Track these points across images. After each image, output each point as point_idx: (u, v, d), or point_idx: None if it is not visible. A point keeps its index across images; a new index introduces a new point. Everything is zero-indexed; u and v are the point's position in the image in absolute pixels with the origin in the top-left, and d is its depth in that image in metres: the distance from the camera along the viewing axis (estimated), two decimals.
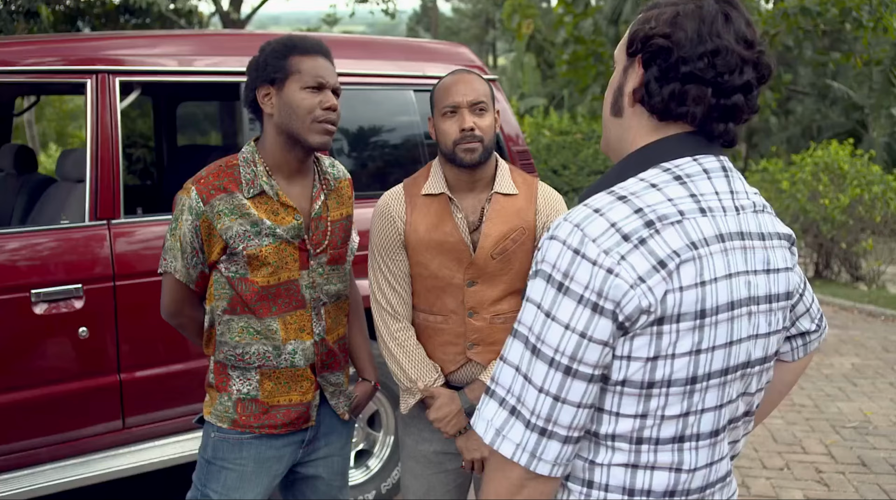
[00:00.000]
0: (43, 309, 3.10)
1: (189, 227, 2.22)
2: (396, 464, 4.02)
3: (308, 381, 2.35)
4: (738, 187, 1.36)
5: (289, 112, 2.22)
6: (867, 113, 17.81)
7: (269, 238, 2.22)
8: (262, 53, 2.27)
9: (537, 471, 1.25)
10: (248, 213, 2.21)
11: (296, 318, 2.30)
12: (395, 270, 2.41)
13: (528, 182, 2.44)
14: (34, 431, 3.16)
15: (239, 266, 2.23)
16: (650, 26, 1.33)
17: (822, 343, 1.66)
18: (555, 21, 21.32)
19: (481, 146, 2.30)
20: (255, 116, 2.32)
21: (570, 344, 1.21)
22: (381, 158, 4.18)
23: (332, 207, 2.39)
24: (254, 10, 18.85)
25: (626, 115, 1.39)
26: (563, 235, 1.24)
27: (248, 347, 2.28)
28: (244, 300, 2.26)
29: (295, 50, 2.25)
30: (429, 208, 2.38)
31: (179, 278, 2.27)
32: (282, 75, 2.22)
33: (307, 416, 2.38)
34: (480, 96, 2.32)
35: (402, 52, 4.31)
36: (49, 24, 11.08)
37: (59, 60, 3.29)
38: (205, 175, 2.24)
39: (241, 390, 2.31)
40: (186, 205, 2.22)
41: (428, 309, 2.42)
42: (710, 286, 1.25)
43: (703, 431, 1.32)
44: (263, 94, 2.25)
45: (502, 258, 2.34)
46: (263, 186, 2.24)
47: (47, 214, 3.58)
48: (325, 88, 2.25)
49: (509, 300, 2.37)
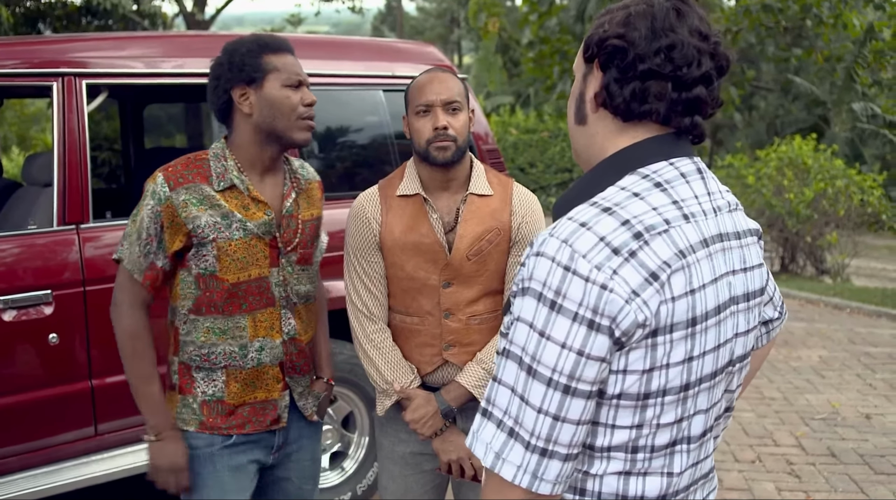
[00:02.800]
0: (12, 316, 3.05)
1: (149, 212, 2.17)
2: (372, 465, 4.01)
3: (274, 379, 2.33)
4: (713, 188, 1.36)
5: (271, 110, 2.21)
6: (829, 108, 18.04)
7: (240, 232, 2.20)
8: (234, 54, 2.23)
9: (539, 491, 1.24)
10: (218, 204, 2.19)
11: (266, 315, 2.29)
12: (371, 271, 2.40)
13: (504, 183, 2.44)
14: (4, 439, 3.11)
15: (208, 262, 2.20)
16: (604, 29, 1.33)
17: (789, 335, 1.68)
18: (520, 19, 21.39)
19: (454, 145, 2.30)
20: (222, 117, 2.29)
21: (567, 363, 1.19)
22: (351, 158, 4.16)
23: (303, 206, 2.38)
24: (218, 11, 18.73)
25: (591, 121, 1.39)
26: (550, 251, 1.22)
27: (213, 347, 2.26)
28: (212, 300, 2.23)
29: (268, 48, 2.24)
30: (404, 210, 2.37)
31: (128, 267, 2.21)
32: (260, 74, 2.21)
33: (276, 416, 2.36)
34: (454, 95, 2.32)
35: (370, 53, 4.30)
36: (9, 26, 10.94)
37: (23, 63, 3.23)
38: (174, 164, 2.22)
39: (207, 391, 2.29)
40: (150, 190, 2.19)
41: (404, 310, 2.41)
42: (699, 293, 1.25)
43: (693, 434, 1.33)
44: (240, 94, 2.22)
45: (478, 259, 2.34)
46: (234, 180, 2.22)
47: (14, 220, 3.52)
48: (303, 84, 2.26)
49: (485, 301, 2.37)
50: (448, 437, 2.37)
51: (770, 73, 20.04)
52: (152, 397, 2.25)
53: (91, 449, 3.32)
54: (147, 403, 2.25)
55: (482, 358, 2.35)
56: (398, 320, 2.42)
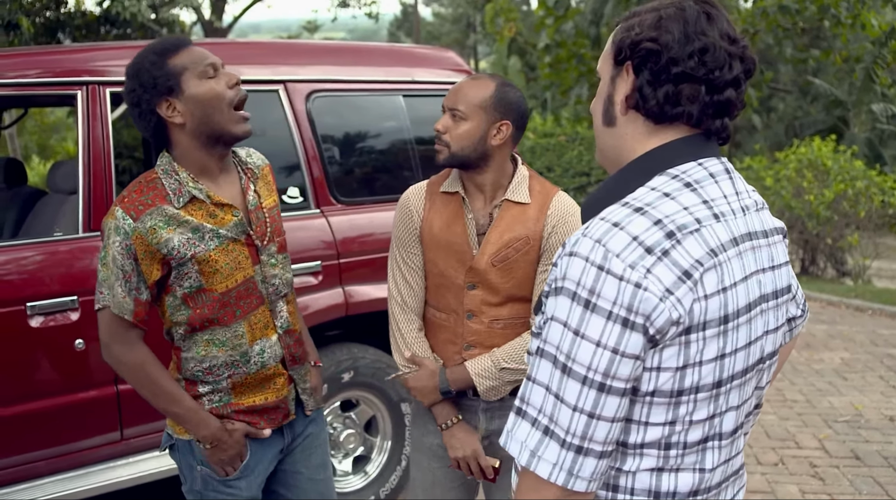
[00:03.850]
0: (39, 322, 3.09)
1: (118, 249, 2.08)
2: (394, 469, 4.03)
3: (281, 377, 2.33)
4: (740, 188, 1.38)
5: (202, 108, 2.12)
6: (848, 109, 17.94)
7: (214, 241, 2.15)
8: (140, 73, 2.12)
9: (575, 489, 1.25)
10: (185, 221, 2.13)
11: (258, 316, 2.26)
12: (410, 262, 2.45)
13: (546, 191, 2.42)
14: (32, 444, 3.15)
15: (192, 279, 2.15)
16: (635, 32, 1.34)
17: (810, 337, 1.69)
18: (536, 24, 21.38)
19: (447, 151, 2.32)
20: (156, 138, 2.19)
21: (602, 361, 1.21)
22: (371, 163, 4.19)
23: (264, 194, 2.33)
24: (236, 18, 18.83)
25: (620, 123, 1.40)
26: (584, 251, 1.24)
27: (214, 359, 2.22)
28: (204, 314, 2.18)
29: (167, 52, 2.14)
30: (445, 207, 2.41)
31: (115, 311, 2.12)
32: (174, 81, 2.11)
33: (286, 411, 2.37)
34: (459, 103, 2.32)
35: (390, 58, 4.32)
36: (30, 36, 11.05)
37: (47, 72, 3.28)
38: (127, 194, 2.13)
39: (213, 398, 2.26)
40: (112, 227, 2.09)
41: (435, 305, 2.46)
42: (730, 291, 1.27)
43: (725, 430, 1.35)
44: (166, 107, 2.12)
45: (503, 266, 2.34)
46: (192, 191, 2.15)
47: (39, 227, 3.56)
48: (218, 68, 2.17)
49: (510, 307, 2.38)
50: (455, 433, 2.40)
51: (788, 74, 19.96)
52: (190, 411, 2.20)
53: (117, 454, 3.35)
54: (188, 420, 2.21)
55: (496, 353, 2.37)
56: (430, 314, 2.48)
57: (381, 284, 3.89)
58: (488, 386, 2.35)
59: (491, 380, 2.35)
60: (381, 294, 3.90)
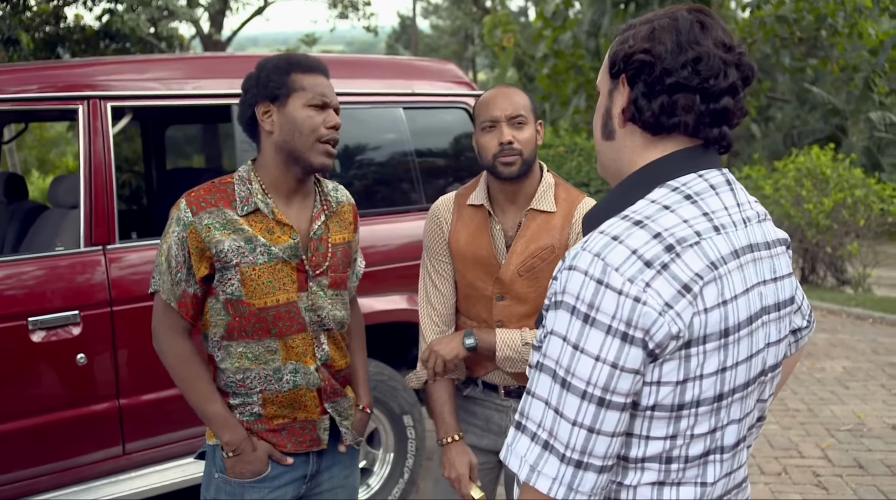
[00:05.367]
0: (41, 337, 3.09)
1: (175, 239, 2.16)
2: (397, 482, 4.02)
3: (312, 402, 2.29)
4: (741, 199, 1.37)
5: (291, 130, 2.18)
6: (846, 118, 17.96)
7: (264, 256, 2.17)
8: (262, 70, 2.22)
9: None
10: (241, 229, 2.16)
11: (298, 341, 2.24)
12: (441, 270, 2.48)
13: (572, 198, 2.42)
14: (34, 459, 3.14)
15: (234, 287, 2.17)
16: (629, 45, 1.34)
17: (812, 346, 1.68)
18: (534, 35, 21.44)
19: (520, 159, 2.31)
20: (251, 134, 2.28)
21: (601, 375, 1.20)
22: (371, 175, 4.19)
23: (334, 229, 2.34)
24: (234, 32, 18.88)
25: (618, 136, 1.40)
26: (583, 265, 1.23)
27: (248, 372, 2.23)
28: (242, 325, 2.20)
29: (297, 67, 2.21)
30: (472, 219, 2.43)
31: (164, 296, 2.20)
32: (284, 92, 2.18)
33: (316, 437, 2.33)
34: (519, 109, 2.33)
35: (390, 70, 4.33)
36: (29, 52, 11.06)
37: (49, 87, 3.28)
38: (196, 190, 2.21)
39: (243, 412, 2.27)
40: (175, 217, 2.18)
41: (466, 313, 2.49)
42: (731, 304, 1.26)
43: (727, 444, 1.34)
44: (263, 111, 2.20)
45: (530, 276, 2.35)
46: (258, 203, 2.19)
47: (40, 242, 3.56)
48: (329, 106, 2.23)
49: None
50: (450, 450, 2.40)
51: (786, 83, 19.98)
52: (218, 415, 2.22)
53: (119, 468, 3.34)
54: (215, 421, 2.23)
55: (525, 331, 2.37)
56: (462, 322, 2.51)
57: (382, 296, 3.89)
58: (506, 355, 2.36)
59: (512, 350, 2.35)
60: (383, 306, 3.90)
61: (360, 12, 22.77)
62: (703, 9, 1.36)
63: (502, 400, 2.49)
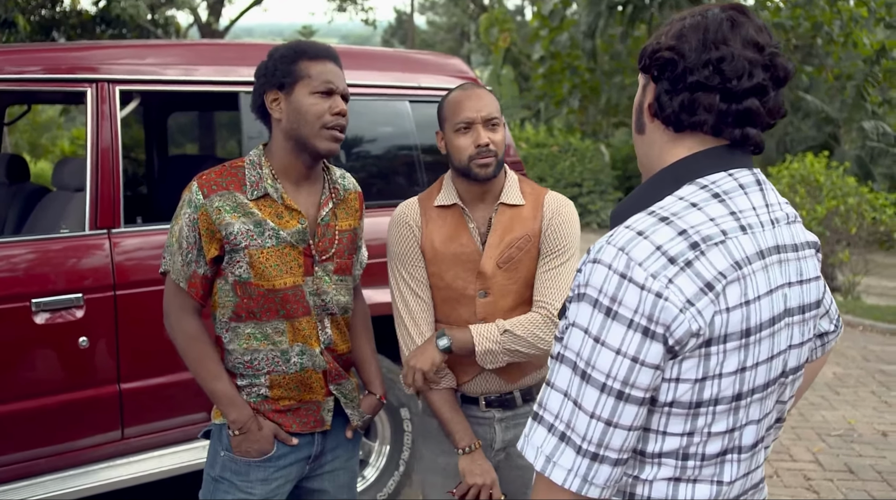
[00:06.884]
0: (44, 319, 3.08)
1: (186, 220, 2.21)
2: (392, 474, 4.02)
3: (318, 384, 2.33)
4: (771, 200, 1.37)
5: (297, 117, 2.21)
6: (839, 126, 18.04)
7: (272, 240, 2.21)
8: (271, 58, 2.26)
9: (589, 495, 1.25)
10: (251, 212, 2.21)
11: (304, 324, 2.28)
12: (418, 275, 2.41)
13: (537, 192, 2.45)
14: (34, 441, 3.13)
15: (242, 269, 2.21)
16: (658, 41, 1.35)
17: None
18: (531, 35, 21.45)
19: (495, 161, 2.32)
20: (263, 121, 2.31)
21: (622, 369, 1.21)
22: (377, 167, 4.19)
23: (341, 216, 2.37)
24: (232, 21, 18.82)
25: (648, 131, 1.41)
26: (607, 258, 1.23)
27: (255, 353, 2.26)
28: (250, 306, 2.24)
29: (304, 55, 2.24)
30: (444, 220, 2.40)
31: (174, 277, 2.25)
32: (290, 80, 2.21)
33: (320, 418, 2.36)
34: (493, 112, 2.34)
35: (396, 63, 4.34)
36: (25, 34, 11.01)
37: (57, 69, 3.27)
38: (208, 172, 2.25)
39: (251, 392, 2.29)
40: (186, 199, 2.23)
41: (445, 319, 2.42)
42: (753, 305, 1.26)
43: (745, 444, 1.34)
44: (272, 98, 2.24)
45: (509, 267, 2.35)
46: (268, 188, 2.23)
47: (44, 224, 3.55)
48: (335, 93, 2.25)
49: (521, 310, 2.37)
50: (477, 458, 2.34)
51: None
52: (225, 394, 2.26)
53: (118, 453, 3.34)
54: (221, 399, 2.26)
55: (502, 321, 2.33)
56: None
57: (379, 288, 3.89)
58: (486, 348, 2.28)
59: (491, 342, 2.28)
60: (379, 298, 3.89)
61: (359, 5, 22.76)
62: (739, 6, 1.36)
63: (483, 412, 2.44)
